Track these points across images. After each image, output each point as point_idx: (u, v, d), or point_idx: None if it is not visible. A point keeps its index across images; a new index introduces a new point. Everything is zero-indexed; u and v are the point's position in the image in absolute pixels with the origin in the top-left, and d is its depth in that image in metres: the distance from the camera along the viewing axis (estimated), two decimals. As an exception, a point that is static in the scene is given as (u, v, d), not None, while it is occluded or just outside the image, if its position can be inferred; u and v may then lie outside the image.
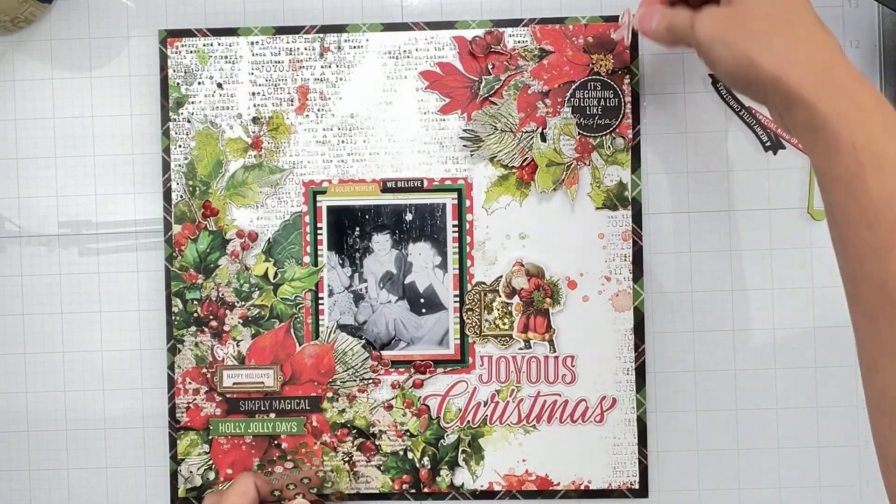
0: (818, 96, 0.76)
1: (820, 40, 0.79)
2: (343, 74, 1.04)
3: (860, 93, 0.76)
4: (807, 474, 1.05)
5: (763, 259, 1.05)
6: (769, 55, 0.80)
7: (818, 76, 0.77)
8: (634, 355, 1.04)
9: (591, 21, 1.03)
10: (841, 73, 0.77)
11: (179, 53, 1.05)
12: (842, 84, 0.76)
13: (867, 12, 1.05)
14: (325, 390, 1.05)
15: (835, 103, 0.75)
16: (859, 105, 0.75)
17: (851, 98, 0.75)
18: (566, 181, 1.03)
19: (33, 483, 1.07)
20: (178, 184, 1.05)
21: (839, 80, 0.76)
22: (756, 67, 0.80)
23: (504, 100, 1.03)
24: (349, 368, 1.04)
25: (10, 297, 1.07)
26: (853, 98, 0.75)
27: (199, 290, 1.05)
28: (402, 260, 1.04)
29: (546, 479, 1.04)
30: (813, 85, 0.77)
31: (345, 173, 1.05)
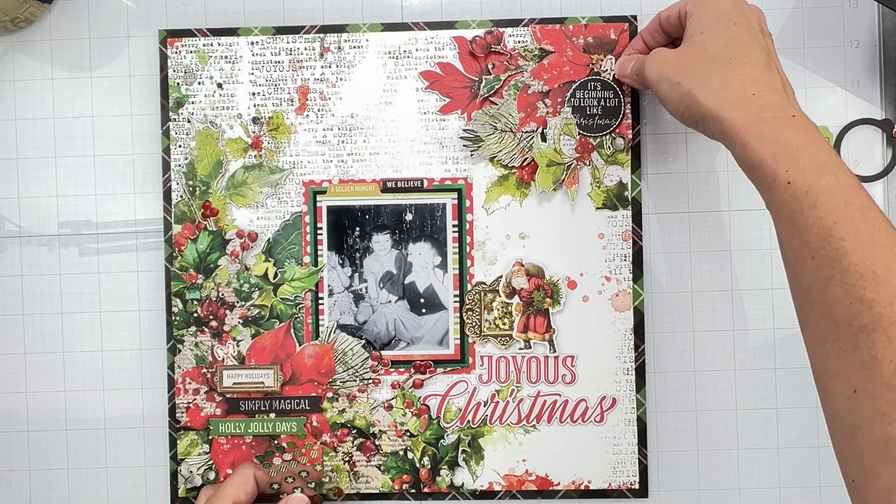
0: (752, 135, 0.80)
1: (760, 80, 0.84)
2: (343, 74, 1.04)
3: (792, 131, 0.79)
4: (807, 474, 1.06)
5: (763, 259, 1.05)
6: (707, 94, 0.84)
7: (752, 116, 0.80)
8: (634, 355, 1.04)
9: (591, 21, 1.03)
10: (775, 112, 0.80)
11: (179, 53, 1.05)
12: (774, 123, 0.79)
13: (867, 12, 1.05)
14: (325, 390, 1.05)
15: (768, 143, 0.79)
16: (790, 144, 0.78)
17: (782, 138, 0.78)
18: (566, 181, 1.03)
19: (33, 483, 1.07)
20: (178, 184, 1.05)
21: (772, 120, 0.80)
22: (698, 105, 0.85)
23: (504, 100, 1.03)
24: (349, 368, 1.04)
25: (10, 297, 1.07)
26: (784, 137, 0.78)
27: (199, 291, 1.05)
28: (402, 260, 1.05)
29: (546, 479, 1.05)
30: (748, 125, 0.80)
31: (345, 173, 1.05)
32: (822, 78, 1.05)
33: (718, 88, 0.84)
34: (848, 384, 0.73)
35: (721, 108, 0.82)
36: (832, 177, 0.75)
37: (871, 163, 1.05)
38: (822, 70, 1.05)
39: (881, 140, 1.05)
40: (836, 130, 1.04)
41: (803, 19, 1.05)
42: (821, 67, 1.05)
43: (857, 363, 0.72)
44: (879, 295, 0.71)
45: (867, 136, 1.05)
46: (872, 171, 1.04)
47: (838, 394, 0.74)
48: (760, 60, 0.85)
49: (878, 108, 1.05)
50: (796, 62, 1.05)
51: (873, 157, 1.05)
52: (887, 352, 0.70)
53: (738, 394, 1.06)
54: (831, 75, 1.05)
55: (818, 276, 0.75)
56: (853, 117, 1.05)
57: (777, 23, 1.05)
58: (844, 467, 0.75)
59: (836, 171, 0.75)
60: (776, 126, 0.79)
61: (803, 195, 0.75)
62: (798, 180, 0.76)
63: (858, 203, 0.74)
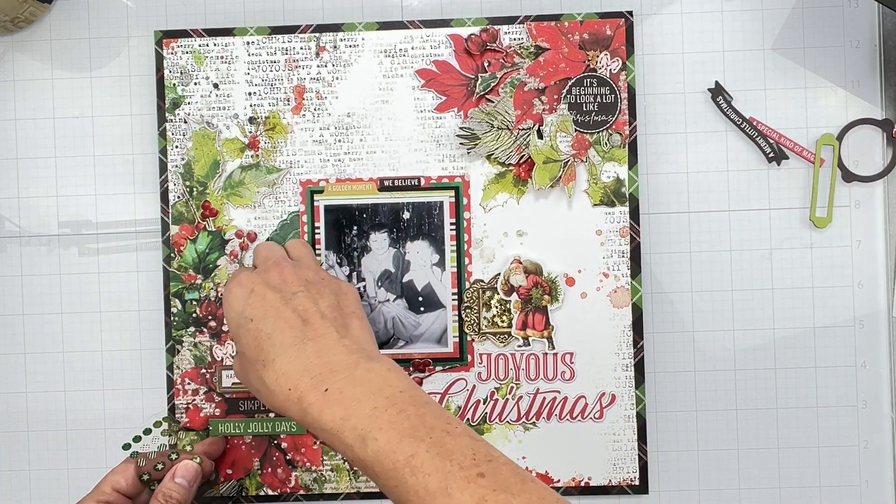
0: (308, 426, 0.83)
1: (290, 371, 0.84)
2: (339, 73, 1.05)
3: (327, 411, 0.81)
4: (807, 474, 1.05)
5: (763, 259, 1.05)
6: (267, 403, 0.87)
7: (297, 413, 0.83)
8: (633, 351, 1.04)
9: (586, 18, 1.03)
10: (310, 398, 0.82)
11: (175, 54, 1.05)
12: (313, 412, 0.81)
13: (867, 12, 1.05)
14: (324, 389, 1.04)
15: (318, 431, 0.82)
16: (331, 426, 0.80)
17: (321, 423, 0.81)
18: (563, 178, 1.03)
19: (33, 483, 1.08)
20: (175, 184, 1.05)
21: (310, 409, 0.82)
22: (271, 409, 0.90)
23: (500, 97, 1.03)
24: (348, 368, 1.04)
25: (10, 297, 1.08)
26: (322, 422, 0.81)
27: (197, 291, 1.05)
28: (400, 258, 1.05)
29: (546, 475, 1.04)
30: (302, 420, 0.83)
31: (342, 172, 1.05)
32: (822, 78, 1.05)
33: (267, 396, 0.86)
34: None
35: (279, 412, 0.86)
36: (373, 441, 0.78)
37: (871, 163, 1.05)
38: (822, 70, 1.05)
39: (881, 140, 1.05)
40: (836, 130, 1.04)
41: (803, 19, 1.05)
42: (821, 67, 1.05)
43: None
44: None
45: (867, 136, 1.05)
46: (872, 171, 1.04)
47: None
48: (286, 345, 0.86)
49: (878, 108, 1.05)
50: (796, 62, 1.05)
51: (873, 157, 1.05)
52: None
53: (738, 394, 1.05)
54: (831, 75, 1.05)
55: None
56: (853, 117, 1.05)
57: (777, 23, 1.05)
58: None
59: (375, 434, 0.78)
60: (315, 414, 0.81)
61: (365, 469, 0.79)
62: (353, 458, 0.80)
63: (403, 457, 0.76)
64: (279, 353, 0.85)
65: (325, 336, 0.86)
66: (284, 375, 0.84)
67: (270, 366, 0.85)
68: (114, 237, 1.07)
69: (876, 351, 1.05)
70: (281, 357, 0.85)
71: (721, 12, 1.05)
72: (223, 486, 1.06)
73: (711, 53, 1.05)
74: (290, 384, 0.83)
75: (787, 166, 1.04)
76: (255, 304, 0.89)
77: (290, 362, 0.84)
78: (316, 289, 0.91)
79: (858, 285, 1.05)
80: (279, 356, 0.85)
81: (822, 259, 1.05)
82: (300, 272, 0.92)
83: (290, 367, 0.84)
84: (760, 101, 1.05)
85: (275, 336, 0.86)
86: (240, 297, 0.90)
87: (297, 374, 0.83)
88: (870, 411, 1.05)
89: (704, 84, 1.05)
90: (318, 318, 0.87)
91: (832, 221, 1.04)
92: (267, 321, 0.87)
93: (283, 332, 0.86)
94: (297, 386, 0.82)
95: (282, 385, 0.83)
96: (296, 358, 0.84)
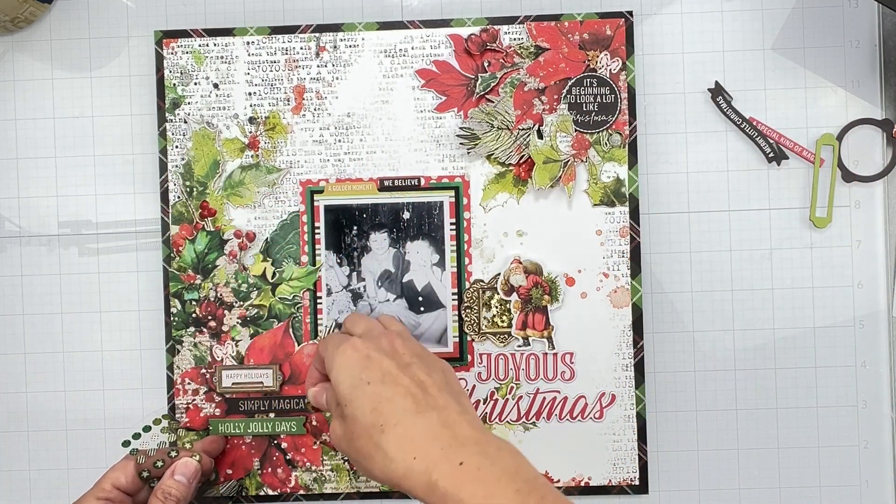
0: (433, 500, 0.78)
1: (416, 437, 0.81)
2: (339, 73, 1.05)
3: (467, 486, 0.76)
4: (807, 474, 1.05)
5: (763, 259, 1.05)
6: (378, 471, 0.82)
7: (422, 485, 0.78)
8: (633, 351, 1.04)
9: (586, 18, 1.03)
10: (443, 469, 0.78)
11: (175, 54, 1.05)
12: (446, 485, 0.77)
13: (867, 12, 1.05)
14: (324, 389, 1.05)
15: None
16: (468, 502, 0.76)
17: (459, 497, 0.76)
18: (563, 178, 1.03)
19: (33, 483, 1.08)
20: (175, 184, 1.05)
21: (442, 482, 0.77)
22: (381, 481, 0.83)
23: (500, 97, 1.03)
24: (348, 368, 1.04)
25: (10, 297, 1.08)
26: (461, 496, 0.76)
27: (197, 291, 1.05)
28: (400, 258, 1.05)
29: (546, 475, 1.04)
30: (425, 495, 0.78)
31: (342, 172, 1.05)
32: (822, 78, 1.05)
33: (383, 463, 0.81)
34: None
35: (396, 484, 0.81)
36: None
37: (871, 163, 1.05)
38: (822, 70, 1.05)
39: (881, 140, 1.05)
40: (836, 130, 1.04)
41: (803, 19, 1.05)
42: (821, 67, 1.05)
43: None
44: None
45: (867, 136, 1.05)
46: (872, 171, 1.04)
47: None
48: (409, 411, 0.82)
49: (878, 108, 1.05)
50: (796, 62, 1.05)
51: (873, 157, 1.05)
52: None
53: (738, 394, 1.05)
54: (831, 75, 1.05)
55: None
56: (853, 117, 1.05)
57: (777, 23, 1.05)
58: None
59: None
60: (450, 488, 0.77)
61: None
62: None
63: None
64: (401, 417, 0.81)
65: (448, 407, 0.83)
66: (411, 441, 0.80)
67: (392, 431, 0.81)
68: (114, 237, 1.07)
69: (876, 351, 1.05)
70: (404, 421, 0.81)
71: (721, 12, 1.05)
72: (223, 485, 1.06)
73: (711, 53, 1.05)
74: (416, 452, 0.79)
75: (787, 166, 1.04)
76: (373, 368, 0.85)
77: (414, 428, 0.81)
78: (426, 362, 0.88)
79: (858, 285, 1.05)
80: (401, 421, 0.81)
81: (822, 259, 1.05)
82: (409, 344, 0.90)
83: (416, 434, 0.80)
84: (760, 101, 1.05)
85: (396, 400, 0.83)
86: (356, 360, 0.86)
87: (425, 441, 0.80)
88: (870, 411, 1.05)
89: (704, 84, 1.05)
90: (437, 390, 0.84)
91: (832, 221, 1.04)
92: (386, 385, 0.84)
93: (404, 398, 0.83)
94: (425, 454, 0.79)
95: (406, 451, 0.79)
96: (421, 425, 0.81)
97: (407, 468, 0.79)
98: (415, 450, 0.79)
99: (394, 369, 0.85)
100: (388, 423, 0.81)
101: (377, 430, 0.82)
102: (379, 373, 0.85)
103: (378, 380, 0.84)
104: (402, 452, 0.80)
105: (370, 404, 0.83)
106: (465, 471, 0.77)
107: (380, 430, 0.81)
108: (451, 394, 0.85)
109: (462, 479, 0.77)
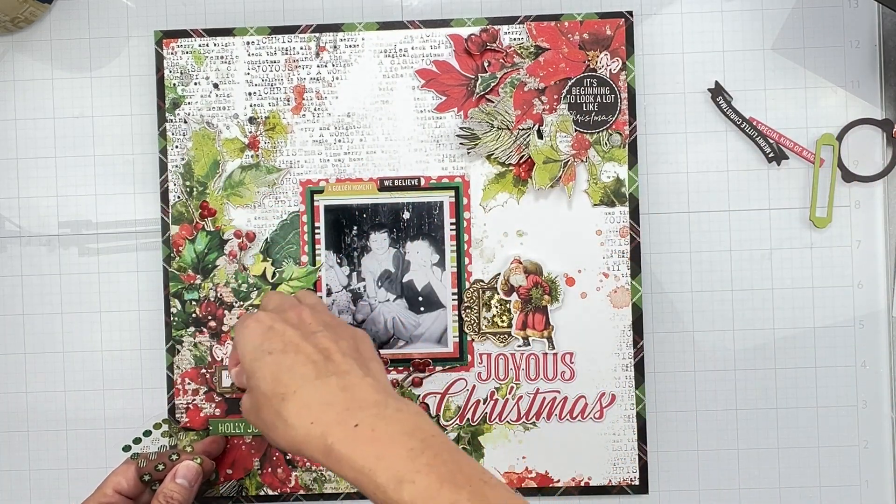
0: (332, 465, 0.79)
1: (312, 404, 0.82)
2: (339, 73, 1.05)
3: (359, 448, 0.78)
4: (807, 474, 1.05)
5: (763, 259, 1.05)
6: (280, 438, 0.83)
7: (320, 448, 0.80)
8: (633, 351, 1.04)
9: (586, 18, 1.03)
10: (338, 434, 0.80)
11: (175, 54, 1.05)
12: (341, 448, 0.79)
13: (867, 12, 1.05)
14: (324, 389, 1.04)
15: (346, 469, 0.78)
16: (362, 465, 0.77)
17: (352, 461, 0.78)
18: (563, 178, 1.03)
19: (33, 483, 1.08)
20: (175, 184, 1.05)
21: (338, 445, 0.79)
22: (284, 448, 0.84)
23: (500, 97, 1.03)
24: (348, 368, 1.04)
25: (10, 297, 1.08)
26: (354, 460, 0.78)
27: (197, 291, 1.05)
28: (400, 258, 1.05)
29: (546, 475, 1.04)
30: (324, 458, 0.80)
31: (342, 172, 1.05)
32: (822, 78, 1.05)
33: (284, 431, 0.83)
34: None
35: (298, 450, 0.82)
36: (411, 484, 0.75)
37: (871, 163, 1.05)
38: (822, 70, 1.05)
39: (881, 140, 1.05)
40: (836, 130, 1.04)
41: (803, 19, 1.05)
42: (821, 67, 1.05)
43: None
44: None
45: (867, 136, 1.05)
46: (872, 171, 1.04)
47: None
48: (308, 378, 0.83)
49: (878, 108, 1.05)
50: (796, 62, 1.05)
51: (873, 157, 1.05)
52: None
53: (738, 394, 1.05)
54: (831, 75, 1.05)
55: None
56: (853, 117, 1.05)
57: (777, 23, 1.05)
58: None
59: (413, 477, 0.76)
60: (343, 450, 0.79)
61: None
62: (384, 499, 0.76)
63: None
64: (301, 384, 0.83)
65: (350, 373, 0.84)
66: (307, 408, 0.81)
67: (291, 398, 0.82)
68: (114, 237, 1.07)
69: (876, 351, 1.05)
70: (303, 388, 0.82)
71: (721, 12, 1.05)
72: (223, 486, 1.06)
73: (711, 53, 1.05)
74: (312, 417, 0.80)
75: (787, 166, 1.04)
76: (275, 339, 0.87)
77: (313, 394, 0.82)
78: (334, 331, 0.89)
79: (858, 285, 1.05)
80: (301, 388, 0.82)
81: (822, 259, 1.05)
82: (318, 315, 0.91)
83: (313, 400, 0.82)
84: (760, 101, 1.05)
85: (296, 368, 0.84)
86: (257, 332, 0.88)
87: (321, 406, 0.81)
88: (870, 411, 1.05)
89: (704, 84, 1.05)
90: (340, 356, 0.85)
91: (832, 221, 1.04)
92: (287, 354, 0.85)
93: (304, 365, 0.84)
94: (321, 419, 0.80)
95: (303, 418, 0.81)
96: (320, 390, 0.82)
97: (305, 434, 0.81)
98: (312, 415, 0.81)
99: (296, 338, 0.87)
100: (289, 391, 0.83)
101: (278, 399, 0.83)
102: (280, 342, 0.86)
103: (279, 349, 0.86)
104: (301, 419, 0.81)
105: (271, 374, 0.84)
106: (360, 433, 0.79)
107: (280, 399, 0.83)
108: (356, 359, 0.86)
109: (356, 441, 0.78)
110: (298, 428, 0.81)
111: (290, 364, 0.84)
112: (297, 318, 0.90)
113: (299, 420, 0.81)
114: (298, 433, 0.81)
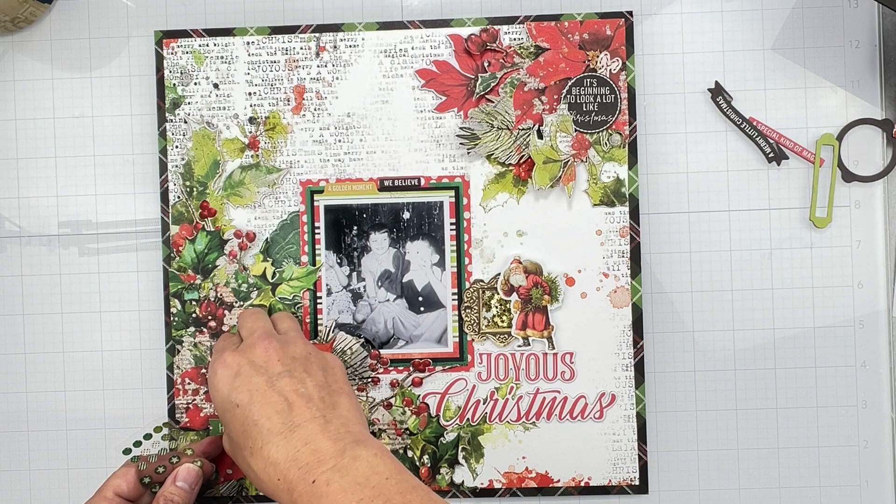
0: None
1: (278, 460, 0.86)
2: (339, 73, 1.05)
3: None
4: (807, 474, 1.05)
5: (763, 259, 1.05)
6: (258, 487, 0.89)
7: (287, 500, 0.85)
8: (633, 351, 1.04)
9: (586, 18, 1.03)
10: (300, 488, 0.83)
11: (175, 54, 1.05)
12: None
13: (867, 12, 1.05)
14: (324, 389, 1.04)
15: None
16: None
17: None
18: (563, 178, 1.03)
19: (33, 483, 1.08)
20: (175, 184, 1.05)
21: (301, 500, 0.83)
22: (257, 487, 0.90)
23: (500, 97, 1.03)
24: (348, 367, 1.04)
25: (10, 297, 1.08)
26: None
27: (197, 291, 1.05)
28: (400, 258, 1.05)
29: (546, 476, 1.04)
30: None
31: (342, 172, 1.05)
32: (822, 78, 1.05)
33: (257, 482, 0.88)
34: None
35: (268, 496, 0.87)
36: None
37: (871, 163, 1.05)
38: (822, 70, 1.05)
39: (881, 140, 1.05)
40: (836, 130, 1.04)
41: (803, 19, 1.05)
42: (821, 67, 1.05)
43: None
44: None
45: (867, 136, 1.05)
46: (872, 171, 1.04)
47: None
48: (273, 433, 0.87)
49: (878, 108, 1.05)
50: (796, 62, 1.05)
51: (873, 157, 1.05)
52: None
53: (738, 394, 1.05)
54: (831, 75, 1.05)
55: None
56: (853, 117, 1.05)
57: (777, 23, 1.05)
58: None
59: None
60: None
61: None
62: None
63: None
64: (266, 440, 0.86)
65: (312, 421, 0.87)
66: (273, 465, 0.85)
67: (258, 454, 0.86)
68: (114, 237, 1.07)
69: (876, 351, 1.05)
70: (268, 445, 0.86)
71: (721, 12, 1.05)
72: (223, 486, 1.06)
73: (711, 53, 1.05)
74: (278, 474, 0.84)
75: (787, 166, 1.04)
76: (241, 389, 0.90)
77: (278, 451, 0.85)
78: (303, 367, 0.92)
79: (858, 285, 1.05)
80: (266, 444, 0.86)
81: (821, 259, 1.05)
82: (287, 349, 0.93)
83: (279, 457, 0.85)
84: (760, 101, 1.05)
85: (261, 423, 0.87)
86: (225, 381, 0.91)
87: (286, 463, 0.84)
88: (870, 411, 1.05)
89: (704, 84, 1.05)
90: (304, 403, 0.88)
91: (832, 221, 1.04)
92: (253, 407, 0.88)
93: (269, 418, 0.87)
94: (286, 477, 0.84)
95: (270, 475, 0.85)
96: (283, 447, 0.85)
97: (274, 488, 0.85)
98: (277, 472, 0.85)
99: (262, 386, 0.90)
100: (255, 446, 0.87)
101: (248, 452, 0.88)
102: (247, 394, 0.90)
103: (246, 401, 0.89)
104: (268, 475, 0.86)
105: (240, 427, 0.89)
106: (317, 488, 0.82)
107: (250, 453, 0.88)
108: (322, 401, 0.90)
109: (313, 497, 0.82)
110: (267, 482, 0.86)
111: (256, 418, 0.88)
112: (264, 357, 0.92)
113: (267, 476, 0.86)
114: (268, 486, 0.86)
